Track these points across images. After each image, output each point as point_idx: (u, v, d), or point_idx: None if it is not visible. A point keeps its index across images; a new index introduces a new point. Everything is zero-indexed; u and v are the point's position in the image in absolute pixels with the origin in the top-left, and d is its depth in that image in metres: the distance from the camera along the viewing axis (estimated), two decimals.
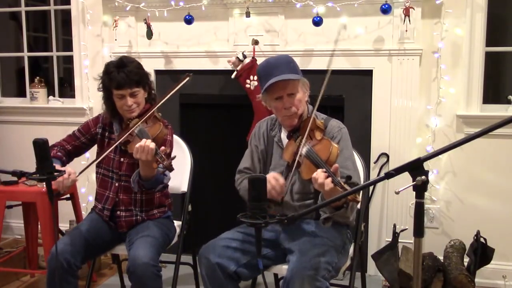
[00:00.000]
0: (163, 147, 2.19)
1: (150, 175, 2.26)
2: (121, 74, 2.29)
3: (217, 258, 2.10)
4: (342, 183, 1.85)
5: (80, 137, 2.51)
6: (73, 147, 2.50)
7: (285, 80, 2.10)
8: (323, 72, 2.13)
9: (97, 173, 2.52)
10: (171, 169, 2.14)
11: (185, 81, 2.35)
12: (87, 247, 2.30)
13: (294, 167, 2.07)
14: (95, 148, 2.55)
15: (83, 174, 2.35)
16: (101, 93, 2.44)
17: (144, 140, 2.16)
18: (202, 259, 2.14)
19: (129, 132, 2.29)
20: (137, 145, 2.16)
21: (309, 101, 2.27)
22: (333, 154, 2.01)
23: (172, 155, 2.20)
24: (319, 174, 1.90)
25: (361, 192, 2.35)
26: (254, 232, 1.68)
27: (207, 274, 2.12)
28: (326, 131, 2.19)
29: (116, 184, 2.44)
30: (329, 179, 1.87)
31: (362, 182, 2.31)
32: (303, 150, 2.05)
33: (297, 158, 2.05)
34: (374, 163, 3.15)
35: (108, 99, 2.40)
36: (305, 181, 2.09)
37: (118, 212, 2.43)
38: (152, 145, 2.14)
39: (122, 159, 2.43)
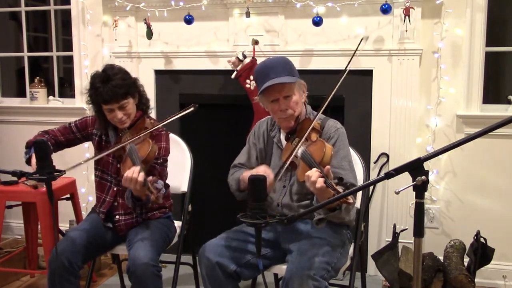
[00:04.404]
0: (150, 177, 2.12)
1: (143, 195, 2.23)
2: (106, 89, 2.24)
3: (217, 257, 2.10)
4: (334, 185, 1.84)
5: (76, 132, 2.48)
6: (66, 140, 2.48)
7: (281, 83, 2.10)
8: (323, 72, 2.13)
9: (95, 175, 2.51)
10: (158, 202, 2.12)
11: (188, 110, 2.28)
12: (88, 247, 2.30)
13: (290, 169, 2.06)
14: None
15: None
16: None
17: (132, 169, 2.09)
18: (202, 259, 2.14)
19: (121, 146, 2.28)
20: (125, 175, 2.10)
21: (307, 101, 2.27)
22: (327, 155, 1.99)
23: (160, 186, 2.14)
24: (312, 172, 1.89)
25: (357, 193, 2.35)
26: (254, 232, 1.69)
27: (207, 273, 2.12)
28: (323, 132, 2.19)
29: (115, 189, 2.44)
30: (321, 178, 1.86)
31: (359, 182, 2.30)
32: (298, 151, 2.05)
33: (291, 159, 2.04)
34: (374, 163, 3.15)
35: (98, 111, 2.37)
36: (302, 182, 2.08)
37: (118, 217, 2.42)
38: (141, 177, 2.07)
39: (119, 165, 2.40)
